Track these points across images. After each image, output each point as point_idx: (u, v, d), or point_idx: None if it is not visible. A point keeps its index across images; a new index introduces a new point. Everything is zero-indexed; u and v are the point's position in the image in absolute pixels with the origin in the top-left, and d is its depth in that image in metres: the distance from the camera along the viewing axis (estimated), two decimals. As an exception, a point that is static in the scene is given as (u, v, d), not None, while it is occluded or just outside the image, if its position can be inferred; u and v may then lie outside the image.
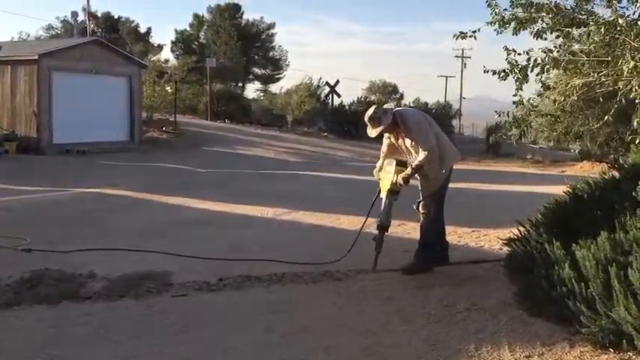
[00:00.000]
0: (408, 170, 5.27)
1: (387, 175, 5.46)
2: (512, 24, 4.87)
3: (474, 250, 6.53)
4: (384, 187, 5.47)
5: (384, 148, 5.70)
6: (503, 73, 5.30)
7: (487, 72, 5.31)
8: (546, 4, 4.69)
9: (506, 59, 5.17)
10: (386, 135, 5.54)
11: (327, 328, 4.08)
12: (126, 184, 11.35)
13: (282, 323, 4.15)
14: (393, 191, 5.41)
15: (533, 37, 4.88)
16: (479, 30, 5.16)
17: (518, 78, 5.20)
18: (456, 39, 5.33)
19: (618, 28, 4.38)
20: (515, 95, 5.37)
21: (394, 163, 5.40)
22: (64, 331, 3.98)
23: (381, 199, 5.53)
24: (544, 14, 4.67)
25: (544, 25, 4.73)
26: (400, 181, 5.28)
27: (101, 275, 5.13)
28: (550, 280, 3.82)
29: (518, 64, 5.11)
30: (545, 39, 4.93)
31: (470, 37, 5.24)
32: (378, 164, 5.70)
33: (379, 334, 3.93)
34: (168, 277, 5.16)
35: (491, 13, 5.00)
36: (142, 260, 5.68)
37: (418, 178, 5.44)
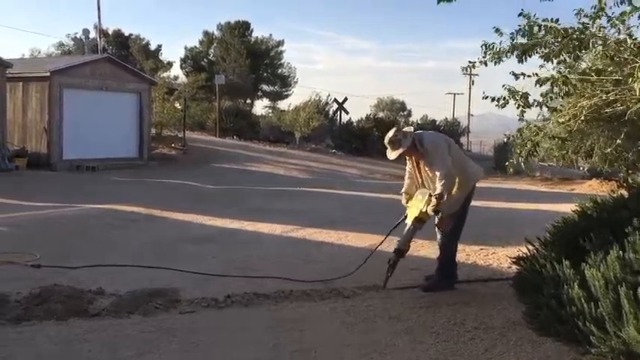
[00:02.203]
0: (434, 201, 5.22)
1: (417, 204, 5.40)
2: (516, 52, 4.85)
3: (483, 268, 6.51)
4: (412, 214, 5.42)
5: (408, 169, 5.69)
6: (502, 101, 5.21)
7: (486, 98, 5.24)
8: (555, 27, 4.70)
9: (504, 86, 5.13)
10: (407, 158, 5.55)
11: (335, 347, 4.07)
12: (135, 201, 11.39)
13: (290, 341, 4.15)
14: (420, 220, 5.36)
15: (543, 59, 4.86)
16: (485, 62, 5.13)
17: (519, 105, 5.14)
18: (465, 70, 5.35)
19: (627, 48, 4.39)
20: (520, 120, 5.35)
21: (428, 194, 5.33)
22: (71, 347, 4.00)
23: (405, 224, 5.51)
24: (551, 38, 4.67)
25: (553, 48, 4.72)
26: (430, 211, 5.25)
27: (110, 292, 5.15)
28: (559, 300, 3.80)
29: (519, 92, 5.07)
30: (553, 62, 4.92)
31: (479, 65, 5.23)
32: (404, 189, 5.67)
33: (387, 354, 3.92)
34: (176, 293, 5.17)
35: (487, 52, 4.98)
36: (150, 277, 5.70)
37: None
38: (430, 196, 5.30)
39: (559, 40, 4.61)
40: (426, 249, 6.97)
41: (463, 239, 5.84)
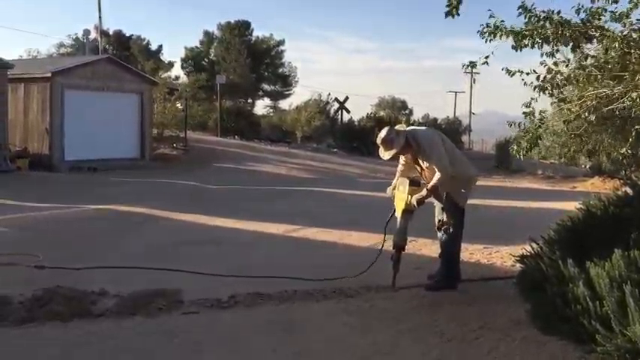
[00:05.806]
0: (423, 192, 5.24)
1: (400, 195, 5.43)
2: (511, 37, 4.83)
3: (486, 266, 6.49)
4: (399, 207, 5.45)
5: (400, 167, 5.69)
6: (539, 87, 5.35)
7: (526, 84, 5.35)
8: (551, 17, 4.67)
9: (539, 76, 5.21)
10: (401, 156, 5.53)
11: (337, 348, 4.05)
12: (137, 201, 11.38)
13: (292, 343, 4.13)
14: (407, 211, 5.38)
15: (539, 47, 4.87)
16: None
17: (551, 94, 5.27)
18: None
19: (632, 43, 4.36)
20: (528, 106, 5.36)
21: (407, 182, 5.37)
22: (75, 350, 3.98)
23: (396, 218, 5.51)
24: (547, 25, 4.64)
25: (552, 36, 4.69)
26: (414, 202, 5.25)
27: (113, 293, 5.13)
28: (564, 298, 3.78)
29: (555, 79, 5.15)
30: (555, 54, 4.91)
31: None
32: (393, 182, 5.67)
33: (389, 355, 3.90)
34: (179, 294, 5.15)
35: (484, 32, 5.00)
36: (153, 278, 5.68)
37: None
38: (410, 185, 5.32)
39: (559, 31, 4.59)
40: (429, 248, 6.96)
41: (466, 238, 5.82)
